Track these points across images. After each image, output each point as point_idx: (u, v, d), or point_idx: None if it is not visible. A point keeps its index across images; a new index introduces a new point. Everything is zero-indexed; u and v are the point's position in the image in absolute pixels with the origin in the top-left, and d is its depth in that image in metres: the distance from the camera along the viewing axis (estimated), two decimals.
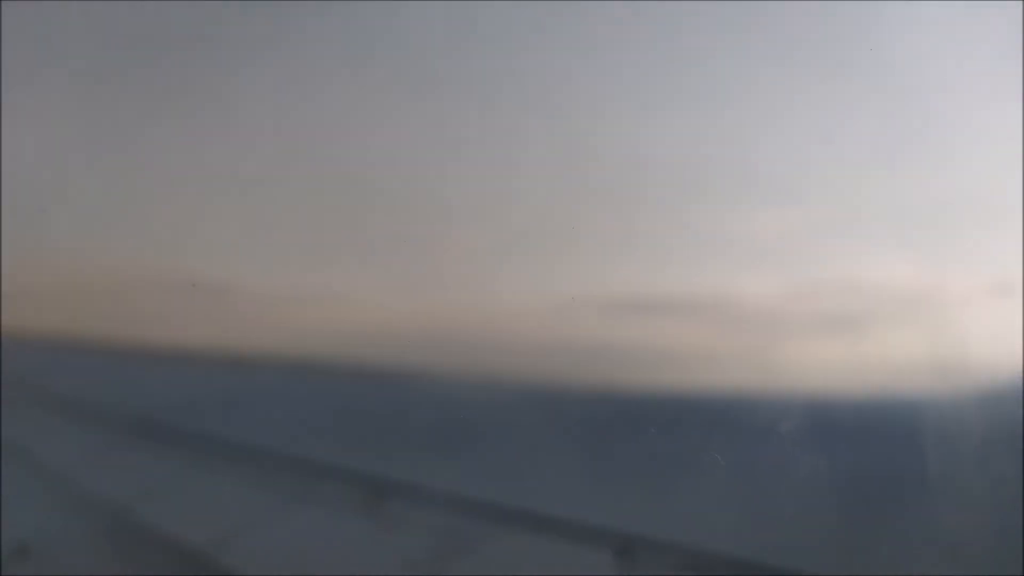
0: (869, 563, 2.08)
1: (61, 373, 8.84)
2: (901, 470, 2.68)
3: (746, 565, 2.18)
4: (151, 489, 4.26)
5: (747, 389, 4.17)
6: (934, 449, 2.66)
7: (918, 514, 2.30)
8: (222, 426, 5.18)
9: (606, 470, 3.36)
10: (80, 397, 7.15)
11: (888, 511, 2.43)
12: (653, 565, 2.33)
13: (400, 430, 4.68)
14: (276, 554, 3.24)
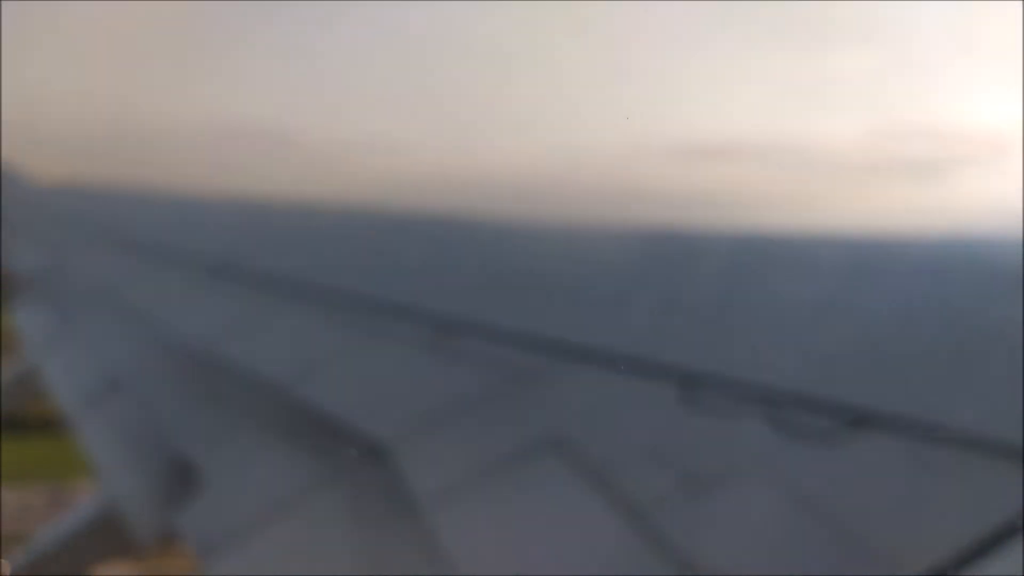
0: (933, 401, 2.07)
1: (137, 219, 9.15)
2: (973, 311, 2.62)
3: (811, 400, 2.17)
4: (228, 328, 4.44)
5: (820, 232, 4.08)
6: (1008, 291, 2.59)
7: (990, 356, 2.25)
8: (294, 268, 5.31)
9: (673, 309, 3.35)
10: (156, 241, 7.41)
11: (960, 351, 2.37)
12: (716, 399, 2.34)
13: (467, 272, 4.74)
14: (350, 386, 3.37)
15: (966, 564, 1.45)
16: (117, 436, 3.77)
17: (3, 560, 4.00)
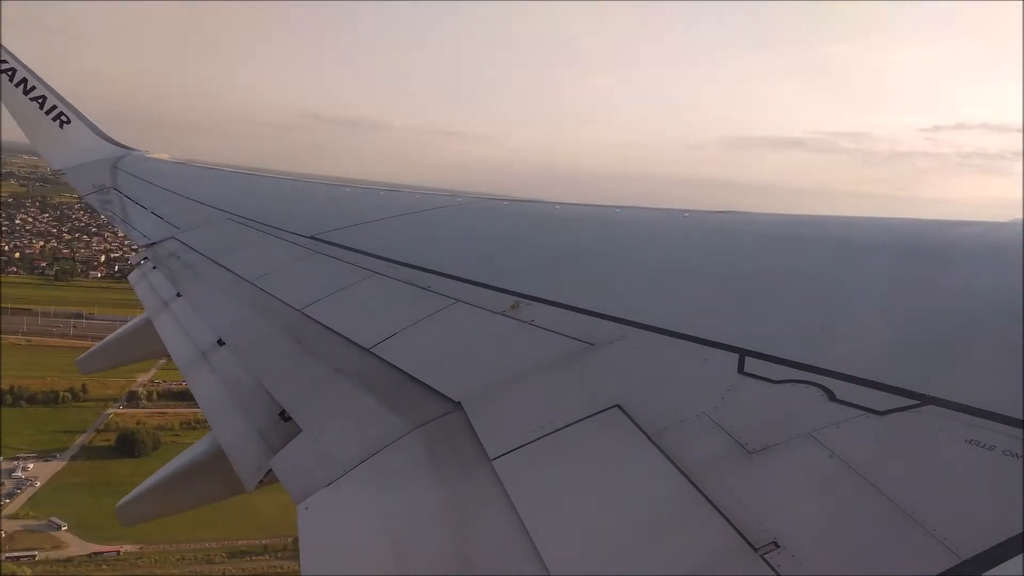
0: (976, 386, 2.10)
1: (243, 193, 9.61)
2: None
3: (855, 378, 2.26)
4: (321, 294, 4.74)
5: (881, 221, 4.05)
6: None
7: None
8: (380, 243, 5.60)
9: (732, 290, 3.43)
10: (259, 213, 7.84)
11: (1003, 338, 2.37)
12: (771, 371, 2.44)
13: (543, 250, 4.92)
14: (428, 348, 3.59)
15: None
16: (223, 387, 4.11)
17: None
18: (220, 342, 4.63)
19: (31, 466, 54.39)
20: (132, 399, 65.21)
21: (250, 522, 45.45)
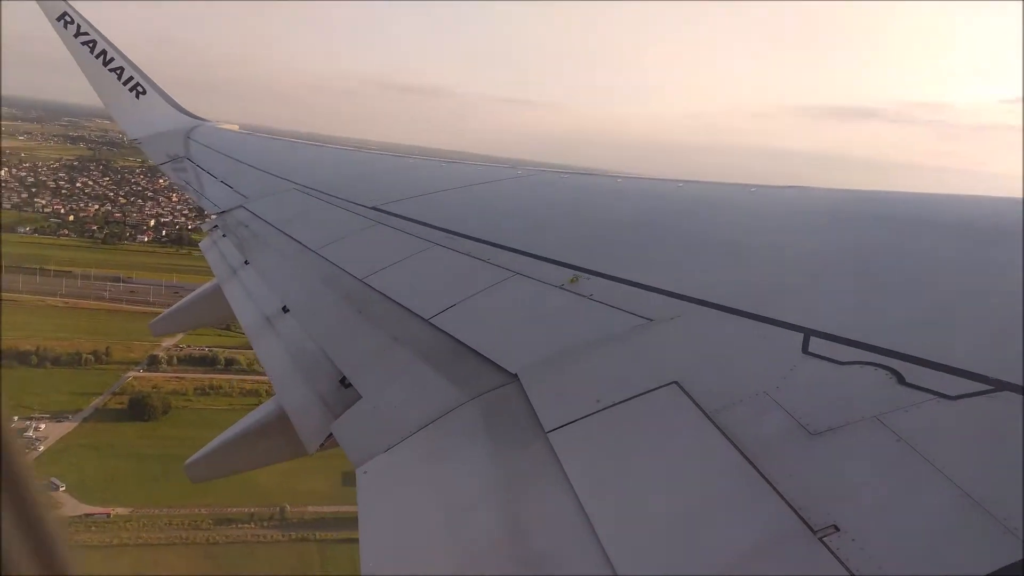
0: None
1: (305, 168, 9.78)
2: None
3: (926, 361, 2.20)
4: (382, 264, 4.79)
5: (958, 198, 3.93)
6: None
7: None
8: (440, 215, 5.61)
9: (798, 267, 3.35)
10: (325, 182, 7.96)
11: None
12: (837, 352, 2.38)
13: (599, 225, 4.88)
14: (487, 319, 3.62)
15: None
16: (287, 353, 4.21)
17: None
18: (285, 309, 4.74)
19: (43, 427, 54.84)
20: (153, 363, 65.76)
21: (242, 489, 45.74)
